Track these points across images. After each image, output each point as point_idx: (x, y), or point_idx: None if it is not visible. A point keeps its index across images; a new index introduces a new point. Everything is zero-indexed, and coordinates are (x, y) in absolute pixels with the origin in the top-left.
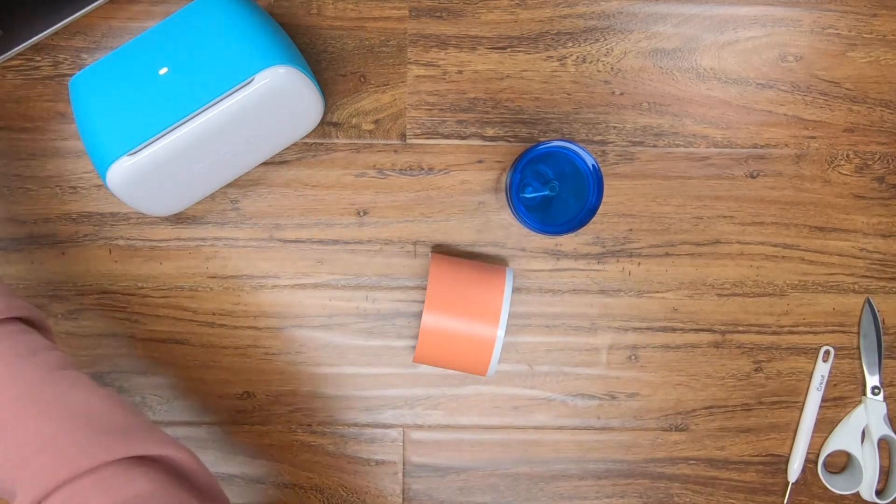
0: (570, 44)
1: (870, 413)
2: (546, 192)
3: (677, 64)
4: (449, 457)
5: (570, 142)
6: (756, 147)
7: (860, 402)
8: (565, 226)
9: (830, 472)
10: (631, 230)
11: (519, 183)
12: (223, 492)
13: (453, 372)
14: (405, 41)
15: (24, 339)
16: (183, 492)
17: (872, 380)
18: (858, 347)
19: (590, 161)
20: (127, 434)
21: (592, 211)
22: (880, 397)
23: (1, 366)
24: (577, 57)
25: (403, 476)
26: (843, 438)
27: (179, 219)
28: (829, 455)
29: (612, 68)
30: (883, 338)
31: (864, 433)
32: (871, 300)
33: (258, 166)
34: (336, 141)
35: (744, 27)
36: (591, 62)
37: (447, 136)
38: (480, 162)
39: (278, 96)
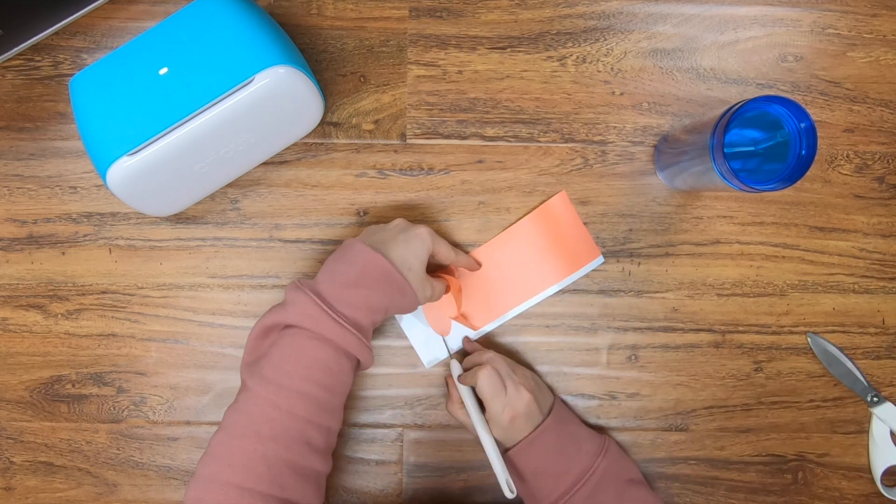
0: (570, 44)
1: (884, 418)
2: (750, 149)
3: (677, 64)
4: (449, 457)
5: (773, 98)
6: None
7: (869, 415)
8: (778, 180)
9: (887, 486)
10: (631, 230)
11: (723, 143)
12: None
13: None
14: (405, 41)
15: None
16: None
17: (870, 393)
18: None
19: (796, 116)
20: None
21: (804, 164)
22: (883, 401)
23: None
24: (577, 57)
25: (403, 476)
26: (884, 451)
27: (179, 219)
28: (884, 473)
29: (612, 68)
30: (855, 363)
31: (892, 435)
32: (813, 336)
33: (258, 166)
34: (336, 141)
35: (744, 27)
36: (591, 62)
37: (447, 136)
38: (480, 162)
39: (278, 96)
